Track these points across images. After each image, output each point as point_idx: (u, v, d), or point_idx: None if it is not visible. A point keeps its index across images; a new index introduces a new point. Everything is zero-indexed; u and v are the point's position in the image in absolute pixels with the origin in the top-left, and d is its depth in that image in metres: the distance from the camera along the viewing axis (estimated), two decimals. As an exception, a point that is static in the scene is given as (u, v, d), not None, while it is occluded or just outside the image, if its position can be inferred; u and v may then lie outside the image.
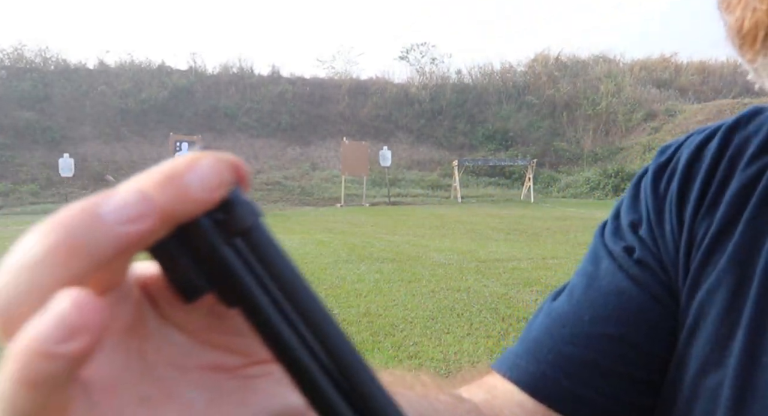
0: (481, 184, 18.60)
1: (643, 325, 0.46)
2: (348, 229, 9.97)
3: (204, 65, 21.79)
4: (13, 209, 13.62)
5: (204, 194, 0.22)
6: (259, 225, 0.26)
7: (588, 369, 0.46)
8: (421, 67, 23.59)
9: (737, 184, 0.44)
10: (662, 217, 0.48)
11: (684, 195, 0.47)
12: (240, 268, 0.25)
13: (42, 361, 0.18)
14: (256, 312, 0.25)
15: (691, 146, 0.49)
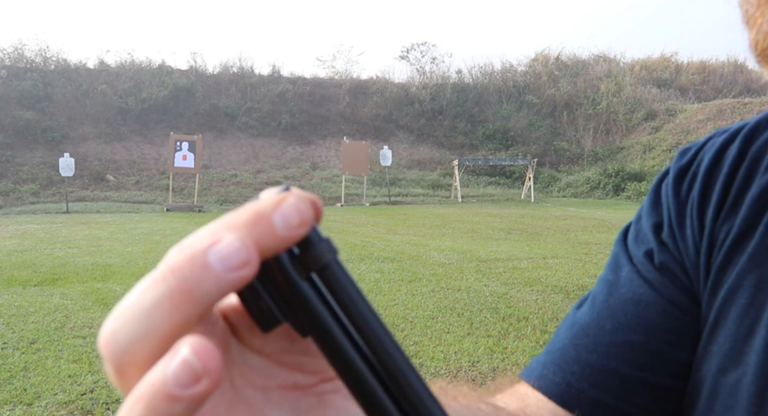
0: (482, 184, 18.60)
1: (664, 332, 0.46)
2: (348, 229, 9.97)
3: (204, 65, 21.80)
4: (13, 209, 13.62)
5: (289, 233, 0.24)
6: (336, 262, 0.28)
7: (611, 378, 0.47)
8: (422, 67, 23.60)
9: (757, 188, 0.44)
10: (683, 221, 0.48)
11: (705, 199, 0.47)
12: (316, 302, 0.27)
13: (168, 404, 0.19)
14: (329, 342, 0.27)
15: (712, 150, 0.49)
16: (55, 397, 3.04)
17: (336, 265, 0.28)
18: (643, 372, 0.46)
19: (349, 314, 0.28)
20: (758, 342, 0.39)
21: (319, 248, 0.27)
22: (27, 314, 4.55)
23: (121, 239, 8.59)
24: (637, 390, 0.46)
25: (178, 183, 16.36)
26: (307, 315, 0.27)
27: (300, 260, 0.27)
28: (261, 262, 0.26)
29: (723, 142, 0.49)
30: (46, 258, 6.97)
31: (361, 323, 0.28)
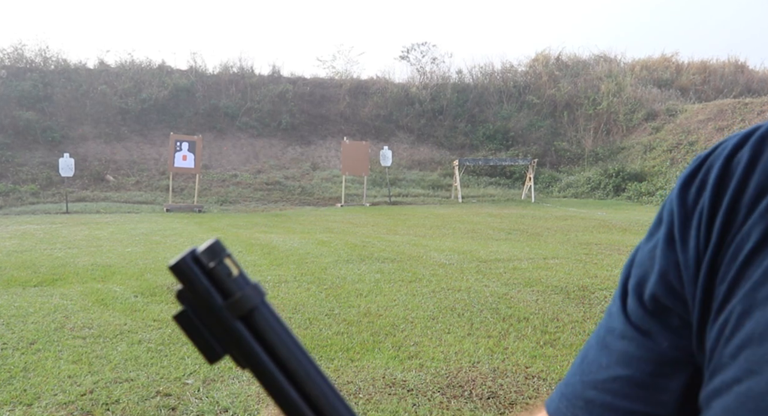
0: (482, 184, 18.59)
1: (645, 364, 0.47)
2: (348, 229, 9.96)
3: (204, 65, 21.80)
4: (12, 209, 13.61)
5: None
6: (263, 304, 0.33)
7: (608, 412, 0.49)
8: (422, 67, 23.59)
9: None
10: (688, 231, 0.46)
11: (715, 207, 0.45)
12: (249, 340, 0.32)
13: None
14: (263, 375, 0.32)
15: (721, 157, 0.47)
16: (54, 398, 3.03)
17: (263, 307, 0.33)
18: (636, 404, 0.47)
19: (278, 351, 0.33)
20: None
21: (247, 292, 0.32)
22: (27, 314, 4.54)
23: (120, 239, 8.58)
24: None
25: (178, 183, 16.35)
26: (242, 351, 0.32)
27: (231, 304, 0.32)
28: (200, 304, 0.32)
29: (732, 149, 0.46)
30: (46, 258, 6.97)
31: (287, 358, 0.32)
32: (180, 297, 0.33)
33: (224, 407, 2.94)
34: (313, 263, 6.65)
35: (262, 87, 21.17)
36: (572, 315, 4.50)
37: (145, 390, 3.14)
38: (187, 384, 3.24)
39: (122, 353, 3.70)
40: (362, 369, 3.45)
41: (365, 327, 4.25)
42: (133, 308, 4.77)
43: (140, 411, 2.89)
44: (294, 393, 0.32)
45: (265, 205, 15.58)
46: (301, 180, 18.03)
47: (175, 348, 3.81)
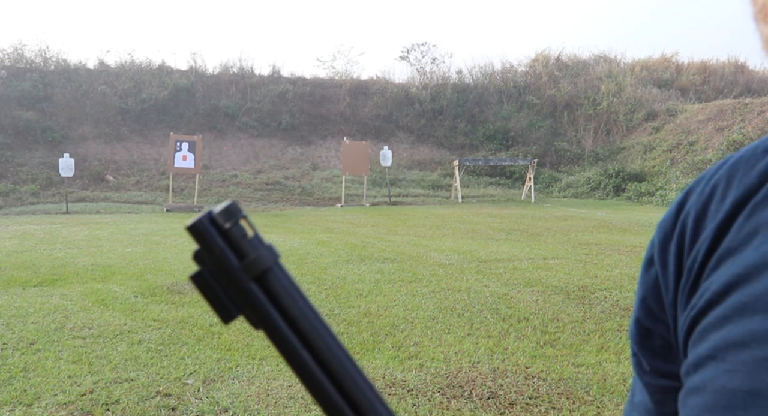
0: (482, 184, 18.59)
1: (648, 396, 0.51)
2: (348, 229, 9.96)
3: (204, 65, 21.79)
4: (12, 209, 13.61)
5: None
6: (276, 265, 0.34)
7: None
8: (422, 67, 23.59)
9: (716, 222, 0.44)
10: (668, 254, 0.48)
11: (697, 231, 0.46)
12: (263, 301, 0.34)
13: None
14: (276, 335, 0.34)
15: (700, 184, 0.48)
16: (54, 398, 3.03)
17: (277, 269, 0.34)
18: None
19: (291, 311, 0.34)
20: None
21: (261, 253, 0.33)
22: (27, 315, 4.54)
23: (120, 239, 8.58)
24: None
25: (178, 183, 16.35)
26: (256, 311, 0.33)
27: (246, 264, 0.33)
28: (217, 266, 0.33)
29: (709, 175, 0.47)
30: (46, 258, 6.97)
31: (300, 319, 0.34)
32: (197, 258, 0.34)
33: (224, 407, 2.94)
34: (313, 263, 6.65)
35: (262, 87, 21.17)
36: (572, 315, 4.50)
37: (145, 390, 3.14)
38: (187, 384, 3.24)
39: (122, 353, 3.70)
40: (362, 369, 3.45)
41: (365, 327, 4.25)
42: (133, 308, 4.76)
43: (140, 412, 2.89)
44: (306, 353, 0.34)
45: (265, 205, 15.58)
46: (301, 180, 18.03)
47: (175, 348, 3.81)
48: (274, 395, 3.10)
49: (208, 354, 3.70)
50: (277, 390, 3.16)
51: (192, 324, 4.32)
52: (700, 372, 0.41)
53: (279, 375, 3.37)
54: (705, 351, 0.41)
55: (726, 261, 0.42)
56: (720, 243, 0.43)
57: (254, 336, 4.04)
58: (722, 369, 0.39)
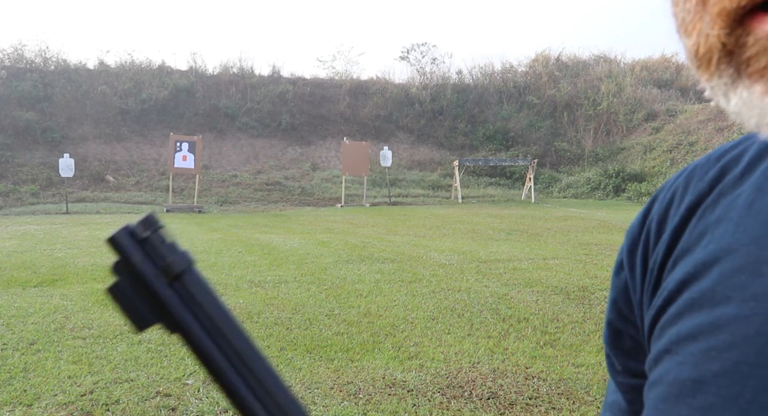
0: (482, 184, 18.59)
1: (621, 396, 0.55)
2: (348, 229, 9.96)
3: (204, 65, 21.80)
4: (12, 209, 13.61)
5: None
6: (191, 269, 0.35)
7: None
8: (422, 67, 23.60)
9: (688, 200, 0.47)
10: (635, 257, 0.50)
11: (660, 234, 0.49)
12: (177, 306, 0.34)
13: None
14: (191, 340, 0.35)
15: (662, 191, 0.52)
16: (54, 398, 3.03)
17: (191, 272, 0.35)
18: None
19: (205, 313, 0.35)
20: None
21: (177, 259, 0.35)
22: (27, 315, 4.55)
23: (121, 240, 8.58)
24: None
25: (178, 183, 16.35)
26: (171, 315, 0.34)
27: (162, 269, 0.34)
28: (131, 272, 0.34)
29: (670, 182, 0.51)
30: (46, 259, 6.97)
31: (214, 322, 0.35)
32: (115, 269, 0.35)
33: (224, 407, 2.94)
34: (313, 263, 6.65)
35: (262, 87, 21.18)
36: (572, 315, 4.50)
37: (145, 390, 3.14)
38: (187, 384, 3.24)
39: (122, 353, 3.70)
40: (362, 369, 3.45)
41: (365, 327, 4.25)
42: (133, 308, 4.76)
43: (140, 412, 2.89)
44: (220, 354, 0.35)
45: (265, 205, 15.58)
46: (301, 180, 18.03)
47: (175, 348, 3.81)
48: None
49: (208, 354, 3.70)
50: (277, 391, 3.15)
51: (192, 324, 4.32)
52: (659, 366, 0.44)
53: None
54: (662, 346, 0.44)
55: (680, 262, 0.45)
56: (676, 244, 0.46)
57: (254, 337, 4.04)
58: (675, 361, 0.42)
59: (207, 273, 6.03)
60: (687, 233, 0.46)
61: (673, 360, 0.42)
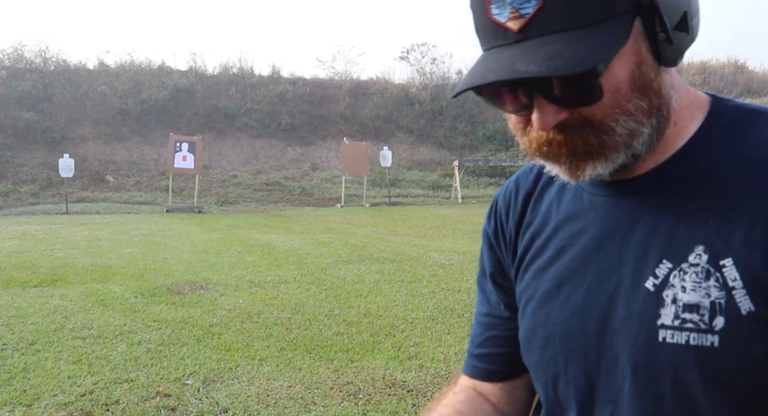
0: (482, 185, 18.59)
1: (496, 312, 0.85)
2: (348, 230, 9.96)
3: (204, 65, 21.81)
4: (12, 210, 13.61)
5: None
6: None
7: (485, 346, 0.86)
8: (422, 68, 23.59)
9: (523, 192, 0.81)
10: (498, 238, 0.84)
11: (508, 222, 0.83)
12: None
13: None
14: None
15: (501, 192, 0.86)
16: (54, 398, 3.03)
17: None
18: (495, 330, 0.84)
19: None
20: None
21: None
22: (26, 315, 4.54)
23: (120, 240, 8.58)
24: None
25: (177, 184, 16.35)
26: None
27: None
28: None
29: (505, 187, 0.86)
30: (46, 259, 6.96)
31: None
32: None
33: (224, 407, 2.94)
34: (313, 263, 6.65)
35: (261, 87, 21.17)
36: (572, 315, 4.50)
37: (145, 390, 3.14)
38: (187, 384, 3.24)
39: (122, 354, 3.70)
40: (362, 369, 3.45)
41: (365, 327, 4.25)
42: (133, 309, 4.76)
43: (140, 412, 2.88)
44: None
45: (264, 205, 15.58)
46: (301, 180, 18.03)
47: (175, 348, 3.81)
48: (274, 395, 3.09)
49: (208, 354, 3.70)
50: (276, 391, 3.16)
51: (192, 324, 4.32)
52: (527, 290, 0.76)
53: (279, 375, 3.37)
54: (529, 278, 0.76)
55: (526, 232, 0.78)
56: (522, 222, 0.79)
57: (254, 337, 4.04)
58: (540, 282, 0.74)
59: (207, 273, 6.03)
60: (528, 214, 0.78)
61: (539, 283, 0.74)
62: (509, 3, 0.57)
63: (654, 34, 0.59)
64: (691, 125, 0.67)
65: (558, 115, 0.60)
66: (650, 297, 0.62)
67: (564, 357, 0.69)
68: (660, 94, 0.62)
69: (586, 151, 0.62)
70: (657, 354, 0.61)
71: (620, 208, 0.67)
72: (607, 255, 0.67)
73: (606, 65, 0.56)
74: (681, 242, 0.62)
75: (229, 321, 4.42)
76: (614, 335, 0.65)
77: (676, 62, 0.63)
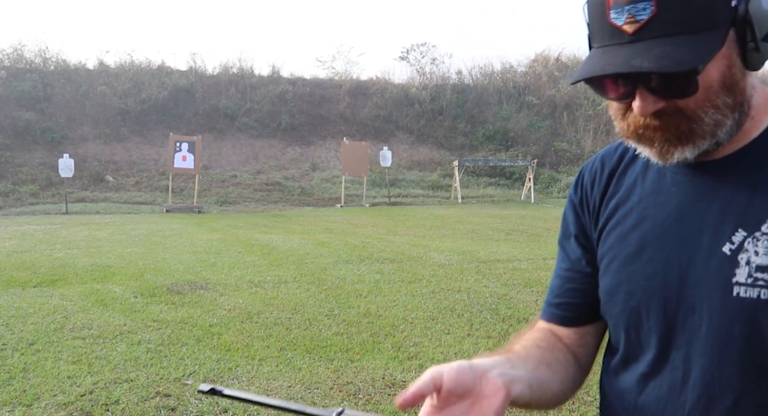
0: (482, 185, 18.59)
1: (578, 267, 0.94)
2: (348, 230, 9.96)
3: (204, 65, 21.78)
4: (12, 210, 13.61)
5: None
6: None
7: (565, 296, 0.95)
8: (422, 68, 23.58)
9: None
10: (584, 207, 0.94)
11: (594, 193, 0.93)
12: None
13: None
14: None
15: (587, 166, 0.96)
16: (54, 398, 3.03)
17: None
18: (574, 283, 0.94)
19: None
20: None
21: None
22: (26, 315, 4.54)
23: (120, 240, 8.58)
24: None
25: (177, 184, 16.35)
26: None
27: None
28: None
29: (591, 160, 0.96)
30: (46, 259, 6.96)
31: None
32: None
33: (224, 408, 2.94)
34: (313, 264, 6.65)
35: (261, 87, 21.17)
36: (572, 315, 4.50)
37: (145, 390, 3.14)
38: (187, 384, 3.24)
39: (122, 354, 3.70)
40: (362, 369, 3.45)
41: (365, 327, 4.25)
42: (133, 309, 4.76)
43: (140, 412, 2.88)
44: None
45: (264, 205, 15.58)
46: (301, 180, 18.03)
47: (175, 348, 3.81)
48: (274, 395, 3.09)
49: (208, 354, 3.70)
50: (276, 391, 3.16)
51: (192, 324, 4.32)
52: (610, 252, 0.86)
53: (278, 375, 3.37)
54: (611, 242, 0.86)
55: (610, 202, 0.89)
56: (606, 194, 0.90)
57: (254, 337, 4.05)
58: (624, 245, 0.84)
59: (207, 273, 6.03)
60: (612, 187, 0.89)
61: (623, 245, 0.84)
62: (627, 10, 0.69)
63: (744, 43, 0.71)
64: (766, 119, 0.79)
65: (656, 104, 0.72)
66: (726, 260, 0.73)
67: (646, 307, 0.80)
68: (744, 93, 0.75)
69: (677, 137, 0.74)
70: (732, 306, 0.72)
71: (700, 184, 0.79)
72: (687, 225, 0.78)
73: (704, 66, 0.69)
74: (755, 214, 0.73)
75: (229, 321, 4.42)
76: (693, 289, 0.76)
77: (760, 67, 0.75)
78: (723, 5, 0.69)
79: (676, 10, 0.68)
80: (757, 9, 0.70)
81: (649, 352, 0.82)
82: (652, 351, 0.81)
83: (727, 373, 0.74)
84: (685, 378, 0.78)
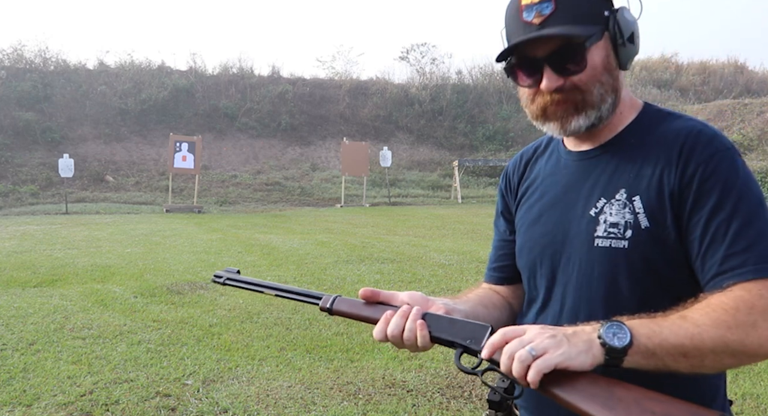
0: (482, 185, 18.59)
1: (506, 238, 1.23)
2: (348, 230, 9.96)
3: (204, 65, 21.79)
4: (12, 210, 13.61)
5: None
6: None
7: (498, 260, 1.24)
8: (422, 68, 23.58)
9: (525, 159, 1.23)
10: (509, 191, 1.23)
11: (516, 177, 1.23)
12: None
13: None
14: None
15: (514, 158, 1.28)
16: (54, 398, 3.03)
17: None
18: (504, 250, 1.23)
19: None
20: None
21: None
22: (26, 315, 4.55)
23: (120, 240, 8.58)
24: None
25: (177, 184, 16.35)
26: None
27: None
28: None
29: (520, 153, 1.27)
30: (46, 259, 6.96)
31: None
32: None
33: (224, 408, 2.94)
34: (313, 263, 6.65)
35: (261, 87, 21.17)
36: (572, 315, 4.50)
37: (145, 390, 3.14)
38: (187, 384, 3.24)
39: (122, 354, 3.70)
40: (362, 369, 3.45)
41: (365, 327, 4.25)
42: (133, 309, 4.77)
43: (140, 412, 2.89)
44: None
45: (264, 205, 15.59)
46: (301, 180, 18.03)
47: (175, 348, 3.81)
48: (274, 395, 3.10)
49: (208, 354, 3.70)
50: (276, 391, 3.16)
51: (191, 324, 4.32)
52: (521, 220, 1.16)
53: (278, 375, 3.38)
54: (523, 211, 1.16)
55: (524, 183, 1.19)
56: (522, 178, 1.19)
57: (254, 337, 4.05)
58: (528, 214, 1.14)
59: (207, 273, 6.03)
60: (526, 173, 1.19)
61: (529, 214, 1.13)
62: (534, 8, 0.95)
63: (615, 41, 0.99)
64: (629, 116, 1.05)
65: (558, 81, 0.98)
66: (591, 220, 1.01)
67: (540, 257, 1.08)
68: (617, 80, 1.01)
69: (574, 106, 1.00)
70: (593, 253, 1.00)
71: (581, 167, 1.08)
72: (570, 196, 1.06)
73: (591, 44, 0.96)
74: (612, 187, 1.01)
75: (229, 321, 4.42)
76: (570, 244, 1.03)
77: (627, 66, 1.02)
78: (600, 13, 0.97)
79: (570, 7, 0.95)
80: (621, 17, 0.98)
81: (541, 293, 1.09)
82: (542, 292, 1.09)
83: (590, 305, 1.00)
84: (562, 309, 1.04)
